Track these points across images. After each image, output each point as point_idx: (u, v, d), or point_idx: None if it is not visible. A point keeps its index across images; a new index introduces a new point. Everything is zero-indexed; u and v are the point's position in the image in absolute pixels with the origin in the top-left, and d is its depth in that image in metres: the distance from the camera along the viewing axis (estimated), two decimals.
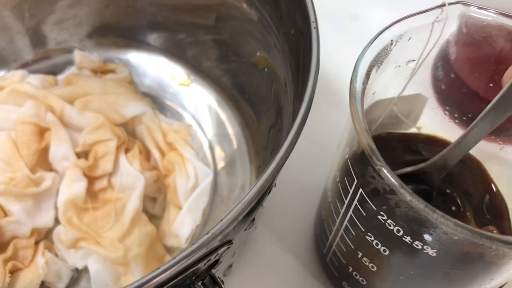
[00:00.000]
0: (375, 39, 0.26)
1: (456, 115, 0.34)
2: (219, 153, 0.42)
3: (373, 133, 0.32)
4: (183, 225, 0.35)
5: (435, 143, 0.34)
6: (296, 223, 0.39)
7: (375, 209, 0.24)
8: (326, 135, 0.44)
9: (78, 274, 0.36)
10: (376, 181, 0.23)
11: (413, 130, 0.35)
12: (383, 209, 0.24)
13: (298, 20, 0.30)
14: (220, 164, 0.41)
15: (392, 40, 0.27)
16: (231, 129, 0.43)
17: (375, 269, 0.28)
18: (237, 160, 0.42)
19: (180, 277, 0.21)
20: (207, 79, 0.45)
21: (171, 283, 0.20)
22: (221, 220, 0.21)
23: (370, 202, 0.24)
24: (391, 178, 0.21)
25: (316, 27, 0.27)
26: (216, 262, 0.24)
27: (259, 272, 0.36)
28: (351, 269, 0.30)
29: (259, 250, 0.37)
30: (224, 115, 0.44)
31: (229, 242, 0.24)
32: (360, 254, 0.28)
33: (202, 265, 0.22)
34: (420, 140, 0.34)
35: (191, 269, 0.21)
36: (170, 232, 0.36)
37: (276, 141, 0.35)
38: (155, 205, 0.37)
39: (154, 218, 0.37)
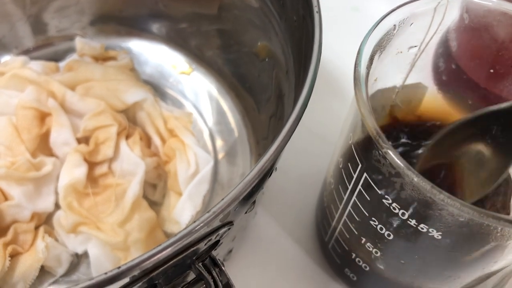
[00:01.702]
0: (378, 24, 0.26)
1: (456, 103, 0.34)
2: (219, 141, 0.42)
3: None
4: (183, 211, 0.35)
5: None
6: (296, 211, 0.39)
7: (379, 193, 0.24)
8: (325, 124, 0.44)
9: (78, 259, 0.35)
10: (381, 164, 0.23)
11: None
12: (388, 192, 0.23)
13: (301, 6, 0.30)
14: (221, 152, 0.41)
15: (394, 25, 0.27)
16: (232, 118, 0.43)
17: (378, 254, 0.28)
18: (238, 149, 0.41)
19: (181, 256, 0.21)
20: (208, 68, 0.45)
21: (171, 261, 0.20)
22: (222, 199, 0.20)
23: (374, 186, 0.24)
24: (397, 160, 0.21)
25: (319, 12, 0.27)
26: (216, 243, 0.24)
27: (259, 258, 0.36)
28: (354, 255, 0.30)
29: (259, 236, 0.37)
30: (224, 104, 0.44)
31: (230, 223, 0.23)
32: (363, 240, 0.28)
33: (202, 245, 0.22)
34: (423, 128, 0.34)
35: (192, 249, 0.21)
36: (170, 218, 0.36)
37: (277, 130, 0.35)
38: (155, 191, 0.37)
39: (154, 205, 0.37)
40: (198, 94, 0.44)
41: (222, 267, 0.24)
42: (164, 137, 0.38)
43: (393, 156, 0.21)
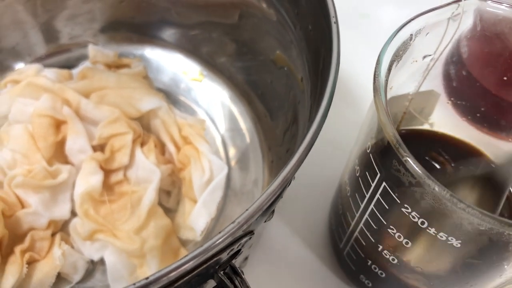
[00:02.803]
0: (396, 33, 0.26)
1: (467, 112, 0.35)
2: (231, 148, 0.42)
3: None
4: (198, 218, 0.35)
5: (449, 141, 0.34)
6: (309, 217, 0.39)
7: (399, 202, 0.24)
8: (338, 132, 0.44)
9: (93, 266, 0.36)
10: (401, 173, 0.23)
11: (425, 126, 0.35)
12: (408, 201, 0.24)
13: (316, 16, 0.30)
14: (233, 159, 0.42)
15: (411, 35, 0.28)
16: (244, 124, 0.43)
17: (395, 261, 0.28)
18: (250, 155, 0.42)
19: (205, 265, 0.21)
20: (220, 75, 0.45)
21: (196, 271, 0.20)
22: (247, 210, 0.21)
23: (393, 195, 0.24)
24: (418, 170, 0.21)
25: (336, 22, 0.27)
26: (237, 252, 0.24)
27: (272, 264, 0.37)
28: (370, 262, 0.30)
29: (272, 243, 0.37)
30: (236, 110, 0.44)
31: (251, 232, 0.24)
32: (380, 247, 0.28)
33: (225, 255, 0.22)
34: (436, 137, 0.34)
35: (215, 258, 0.21)
36: (185, 225, 0.36)
37: (292, 137, 0.36)
38: (169, 198, 0.38)
39: (169, 211, 0.37)
40: (209, 101, 0.44)
41: (242, 276, 0.24)
42: (178, 144, 0.38)
43: (414, 165, 0.22)
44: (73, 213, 0.36)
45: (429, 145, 0.34)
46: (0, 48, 0.44)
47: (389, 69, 0.26)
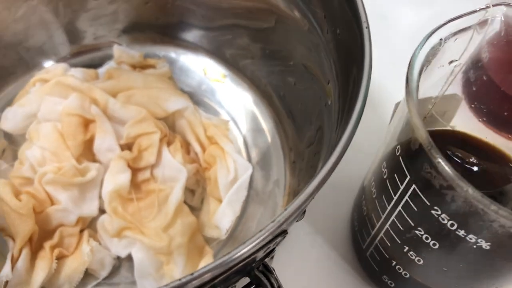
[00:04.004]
0: (428, 38, 0.27)
1: (487, 116, 0.35)
2: (253, 148, 0.43)
3: None
4: (223, 217, 0.36)
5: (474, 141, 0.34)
6: (331, 217, 0.40)
7: (428, 204, 0.25)
8: (358, 133, 0.44)
9: (119, 262, 0.36)
10: (432, 176, 0.24)
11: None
12: (438, 204, 0.24)
13: (345, 20, 0.30)
14: (254, 159, 0.42)
15: (441, 40, 0.28)
16: (265, 125, 0.44)
17: (421, 262, 0.28)
18: (272, 156, 0.42)
19: (244, 262, 0.21)
20: (242, 76, 0.46)
21: (236, 267, 0.21)
22: (286, 209, 0.21)
23: (423, 198, 0.25)
24: (450, 172, 0.22)
25: (368, 27, 0.28)
26: (272, 251, 0.24)
27: (295, 262, 0.37)
28: (394, 263, 0.31)
29: (295, 242, 0.38)
30: (258, 111, 0.45)
31: (285, 231, 0.24)
32: (406, 249, 0.29)
33: (261, 253, 0.23)
34: (459, 137, 0.34)
35: (253, 256, 0.22)
36: (210, 224, 0.37)
37: (317, 138, 0.36)
38: (193, 197, 0.38)
39: (193, 210, 0.38)
40: (232, 102, 0.45)
41: (274, 273, 0.25)
42: (204, 144, 0.38)
43: (446, 168, 0.22)
44: (101, 211, 0.37)
45: (454, 145, 0.34)
46: (28, 47, 0.45)
47: (420, 74, 0.27)
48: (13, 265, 0.33)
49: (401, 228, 0.28)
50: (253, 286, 0.24)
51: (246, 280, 0.25)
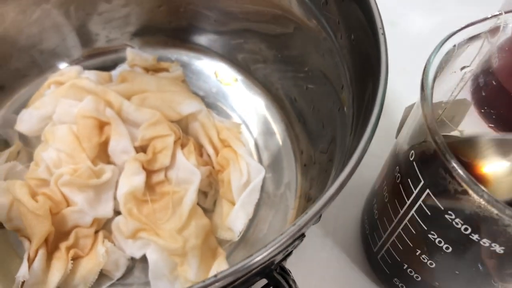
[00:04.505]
0: (442, 45, 0.27)
1: (495, 120, 0.36)
2: (264, 151, 0.43)
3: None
4: (236, 219, 0.36)
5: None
6: (341, 219, 0.40)
7: (442, 208, 0.25)
8: None
9: (133, 263, 0.37)
10: (447, 181, 0.24)
11: (455, 133, 0.36)
12: (452, 208, 0.25)
13: (360, 26, 0.31)
14: (266, 162, 0.43)
15: (455, 46, 0.29)
16: (276, 128, 0.44)
17: (433, 266, 0.29)
18: (283, 159, 0.43)
19: (264, 264, 0.22)
20: (254, 80, 0.47)
21: (257, 269, 0.21)
22: (306, 213, 0.22)
23: (437, 202, 0.25)
24: (466, 177, 0.22)
25: (384, 34, 0.28)
26: (289, 254, 0.25)
27: (306, 264, 0.38)
28: (405, 266, 0.31)
29: (306, 244, 0.38)
30: (269, 115, 0.45)
31: (303, 235, 0.25)
32: (418, 252, 0.29)
33: (280, 256, 0.23)
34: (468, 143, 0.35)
35: (272, 259, 0.22)
36: (223, 226, 0.37)
37: (329, 142, 0.37)
38: (206, 199, 0.39)
39: (206, 212, 0.38)
40: (243, 105, 0.46)
41: (291, 275, 0.25)
42: (217, 147, 0.39)
43: (462, 173, 0.23)
44: (115, 212, 0.37)
45: (464, 152, 0.35)
46: (42, 50, 0.45)
47: (434, 80, 0.27)
48: (30, 265, 0.34)
49: (414, 232, 0.29)
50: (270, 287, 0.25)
51: (260, 282, 0.26)
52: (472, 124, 0.35)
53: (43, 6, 0.44)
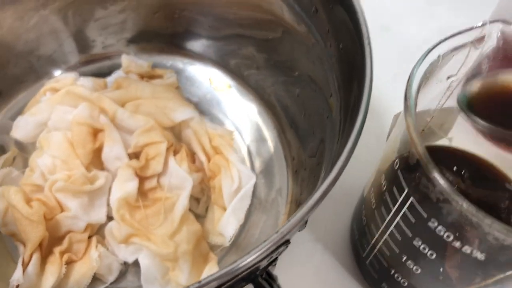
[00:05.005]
0: (426, 55, 0.28)
1: (483, 129, 0.36)
2: (256, 158, 0.44)
3: None
4: (228, 225, 0.37)
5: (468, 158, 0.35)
6: (332, 225, 0.41)
7: (425, 216, 0.26)
8: (358, 144, 0.45)
9: (126, 267, 0.37)
10: (429, 190, 0.25)
11: (444, 140, 0.37)
12: (434, 216, 0.25)
13: (348, 35, 0.32)
14: (258, 168, 0.43)
15: (439, 56, 0.29)
16: (269, 134, 0.45)
17: (419, 271, 0.29)
18: (274, 165, 0.43)
19: (249, 270, 0.22)
20: (247, 86, 0.47)
21: (241, 275, 0.22)
22: (289, 221, 0.22)
23: (420, 210, 0.26)
24: (446, 187, 0.23)
25: (369, 44, 0.29)
26: (274, 260, 0.26)
27: (297, 270, 0.38)
28: (393, 271, 0.32)
29: (297, 250, 0.39)
30: (261, 121, 0.46)
31: (288, 241, 0.25)
32: (404, 258, 0.30)
33: (265, 262, 0.24)
34: (456, 154, 0.35)
35: (257, 265, 0.23)
36: (215, 231, 0.38)
37: (319, 148, 0.37)
38: (198, 205, 0.39)
39: (198, 217, 0.39)
40: (236, 112, 0.46)
41: (277, 281, 0.26)
42: (209, 154, 0.40)
43: (442, 183, 0.23)
44: (108, 217, 0.38)
45: (450, 162, 0.35)
46: (39, 56, 0.46)
47: (418, 90, 0.28)
48: (24, 269, 0.34)
49: (400, 239, 0.29)
50: None
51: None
52: (461, 132, 0.36)
53: (40, 12, 0.44)
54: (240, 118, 0.46)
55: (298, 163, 0.42)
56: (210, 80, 0.48)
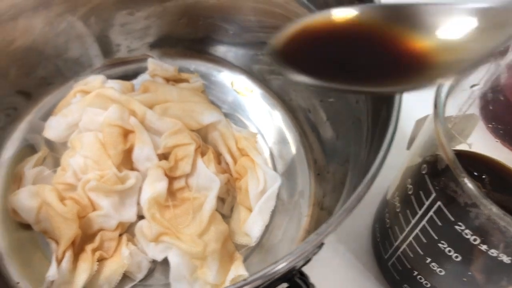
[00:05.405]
0: None
1: (503, 134, 0.37)
2: (279, 160, 0.45)
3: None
4: (254, 225, 0.38)
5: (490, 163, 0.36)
6: (353, 226, 0.42)
7: (452, 220, 0.27)
8: None
9: (154, 265, 0.39)
10: (458, 194, 0.26)
11: (463, 146, 0.38)
12: (462, 220, 0.26)
13: None
14: (280, 170, 0.44)
15: None
16: (290, 137, 0.46)
17: (443, 273, 0.30)
18: (296, 167, 0.45)
19: (289, 268, 0.24)
20: (269, 91, 0.48)
21: (281, 273, 0.23)
22: (326, 223, 0.24)
23: (448, 214, 0.27)
24: (475, 191, 0.24)
25: None
26: (308, 260, 0.27)
27: (319, 269, 0.39)
28: (416, 273, 0.33)
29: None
30: (283, 124, 0.47)
31: (322, 244, 0.27)
32: (428, 260, 0.31)
33: (301, 262, 0.25)
34: (477, 159, 0.36)
35: (295, 264, 0.24)
36: (240, 231, 0.39)
37: (344, 153, 0.38)
38: (223, 205, 0.41)
39: (223, 217, 0.40)
40: (258, 115, 0.47)
41: (309, 279, 0.27)
42: (235, 155, 0.41)
43: (472, 187, 0.24)
44: (137, 217, 0.39)
45: (471, 167, 0.36)
46: (66, 59, 0.47)
47: (446, 98, 0.29)
48: (58, 266, 0.36)
49: (425, 241, 0.30)
50: None
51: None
52: (480, 138, 0.37)
53: (69, 18, 0.46)
54: (262, 121, 0.47)
55: (320, 166, 0.43)
56: (232, 84, 0.49)
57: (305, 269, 0.39)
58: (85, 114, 0.40)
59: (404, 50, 0.23)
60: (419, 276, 0.33)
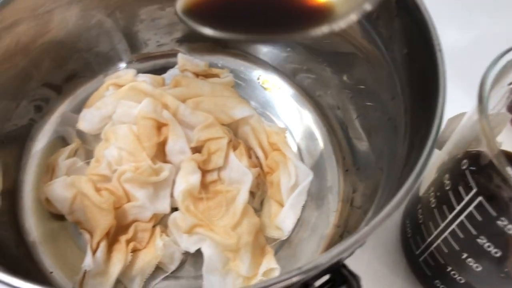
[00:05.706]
0: (498, 60, 0.29)
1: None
2: (307, 156, 0.45)
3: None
4: (286, 219, 0.39)
5: None
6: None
7: (495, 215, 0.27)
8: None
9: (185, 257, 0.39)
10: (502, 189, 0.26)
11: None
12: (505, 214, 0.26)
13: (414, 40, 0.33)
14: (308, 165, 0.45)
15: (507, 62, 0.30)
16: (318, 134, 0.46)
17: (479, 269, 0.30)
18: (325, 163, 0.45)
19: (336, 261, 0.24)
20: (297, 87, 0.49)
21: (330, 264, 0.24)
22: (370, 222, 0.24)
23: (489, 209, 0.27)
24: None
25: (441, 50, 0.30)
26: (352, 253, 0.27)
27: (348, 264, 0.40)
28: (449, 268, 0.33)
29: None
30: (311, 120, 0.47)
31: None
32: (465, 255, 0.31)
33: (345, 255, 0.25)
34: None
35: (341, 257, 0.25)
36: (271, 225, 0.39)
37: (377, 151, 0.38)
38: (253, 199, 0.41)
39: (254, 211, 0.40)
40: (285, 110, 0.48)
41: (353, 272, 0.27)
42: (266, 150, 0.41)
43: None
44: (171, 208, 0.39)
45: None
46: (97, 53, 0.48)
47: (489, 92, 0.29)
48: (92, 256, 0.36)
49: (462, 236, 0.31)
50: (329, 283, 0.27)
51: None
52: (507, 136, 0.37)
53: (100, 12, 0.46)
54: (289, 117, 0.47)
55: (349, 163, 0.43)
56: (260, 80, 0.49)
57: None
58: (119, 107, 0.41)
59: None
60: (452, 272, 0.33)
